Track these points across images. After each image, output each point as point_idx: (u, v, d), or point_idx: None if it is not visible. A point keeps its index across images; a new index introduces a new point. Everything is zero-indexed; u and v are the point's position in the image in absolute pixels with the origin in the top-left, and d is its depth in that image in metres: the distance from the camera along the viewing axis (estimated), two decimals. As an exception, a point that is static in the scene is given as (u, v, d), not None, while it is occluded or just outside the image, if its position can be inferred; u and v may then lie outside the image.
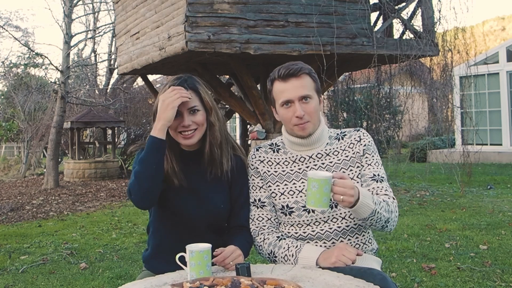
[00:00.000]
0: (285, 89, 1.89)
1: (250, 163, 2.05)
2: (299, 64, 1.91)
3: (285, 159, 1.99)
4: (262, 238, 1.96)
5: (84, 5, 17.73)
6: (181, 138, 1.92)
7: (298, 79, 1.88)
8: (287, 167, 1.98)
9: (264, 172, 2.00)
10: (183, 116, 1.89)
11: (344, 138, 1.99)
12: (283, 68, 1.90)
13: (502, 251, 4.47)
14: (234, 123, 21.81)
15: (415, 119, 11.82)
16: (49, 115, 16.06)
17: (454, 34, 8.19)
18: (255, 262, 2.76)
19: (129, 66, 8.52)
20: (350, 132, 2.01)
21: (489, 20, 47.68)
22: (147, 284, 1.61)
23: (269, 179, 1.99)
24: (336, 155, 1.95)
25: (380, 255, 4.26)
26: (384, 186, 1.91)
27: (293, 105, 1.89)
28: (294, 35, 6.91)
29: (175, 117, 1.84)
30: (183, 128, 1.90)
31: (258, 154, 2.04)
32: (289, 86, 1.88)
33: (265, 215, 1.98)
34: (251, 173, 2.04)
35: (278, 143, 2.05)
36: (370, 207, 1.72)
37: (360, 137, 1.98)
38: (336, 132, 2.03)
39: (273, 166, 2.00)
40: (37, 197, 9.84)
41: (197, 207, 1.93)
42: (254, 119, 7.84)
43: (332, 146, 1.98)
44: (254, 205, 2.01)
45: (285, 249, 1.88)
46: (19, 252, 5.27)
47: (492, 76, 12.84)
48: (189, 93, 1.87)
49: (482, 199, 7.37)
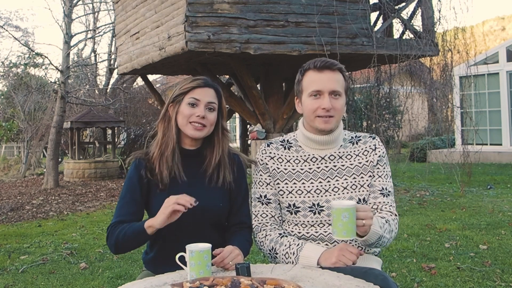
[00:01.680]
0: (318, 79, 1.88)
1: (259, 158, 2.03)
2: (334, 61, 1.91)
3: (296, 157, 1.97)
4: (264, 234, 1.95)
5: (84, 5, 17.74)
6: (190, 129, 1.93)
7: (333, 73, 1.88)
8: (298, 165, 1.96)
9: (273, 169, 1.98)
10: (199, 106, 1.93)
11: (359, 143, 1.98)
12: (319, 60, 1.90)
13: (502, 251, 4.47)
14: (234, 123, 21.80)
15: (415, 119, 11.80)
16: (49, 115, 16.05)
17: (454, 34, 8.19)
18: (255, 262, 2.76)
19: (129, 66, 8.52)
20: (365, 138, 2.00)
21: (489, 20, 47.65)
22: (147, 284, 1.61)
23: (278, 176, 1.97)
24: (349, 159, 1.94)
25: (380, 255, 4.23)
26: (390, 202, 1.92)
27: (322, 96, 1.87)
28: (294, 35, 6.91)
29: (191, 106, 1.92)
30: (196, 119, 1.92)
31: (269, 150, 2.02)
32: (323, 77, 1.87)
33: (269, 212, 1.97)
34: (259, 169, 2.01)
35: (290, 140, 2.02)
36: (378, 233, 1.73)
37: (376, 146, 1.97)
38: (351, 135, 2.01)
39: (283, 163, 1.98)
40: (37, 197, 9.84)
41: (196, 206, 1.93)
42: (254, 119, 7.84)
43: (346, 149, 1.96)
44: (259, 201, 1.99)
45: (286, 246, 1.88)
46: (19, 252, 5.27)
47: (492, 76, 12.84)
48: (192, 200, 1.78)
49: (482, 199, 7.37)
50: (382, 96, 13.13)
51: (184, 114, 1.93)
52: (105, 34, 19.98)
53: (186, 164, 1.96)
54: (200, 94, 1.94)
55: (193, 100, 1.93)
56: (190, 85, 1.95)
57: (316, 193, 1.91)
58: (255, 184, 2.02)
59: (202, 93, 1.95)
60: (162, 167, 1.93)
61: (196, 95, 1.94)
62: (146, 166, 1.96)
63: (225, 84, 9.73)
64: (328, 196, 1.90)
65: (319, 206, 1.89)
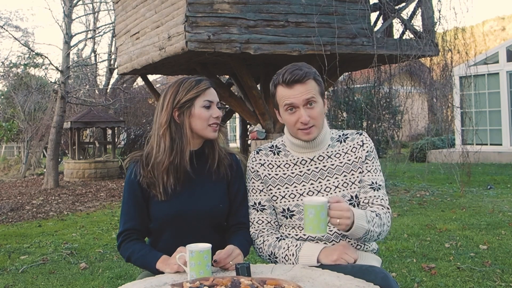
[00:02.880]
0: (290, 94, 1.85)
1: (250, 166, 2.03)
2: (303, 69, 1.86)
3: (286, 161, 1.98)
4: (262, 240, 1.95)
5: (84, 5, 17.77)
6: (210, 131, 1.95)
7: (303, 85, 1.85)
8: (288, 169, 1.96)
9: (264, 175, 1.98)
10: (213, 108, 1.95)
11: (347, 141, 1.98)
12: (288, 72, 1.85)
13: (502, 251, 4.47)
14: (234, 123, 21.81)
15: (415, 119, 11.82)
16: (49, 115, 16.06)
17: (454, 34, 8.19)
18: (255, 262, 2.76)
19: (129, 66, 8.53)
20: (352, 135, 2.00)
21: (489, 20, 47.66)
22: (147, 284, 1.61)
23: (270, 182, 1.97)
24: (338, 158, 1.94)
25: (380, 255, 4.24)
26: (381, 195, 1.92)
27: (298, 110, 1.86)
28: (294, 35, 6.91)
29: (207, 108, 1.93)
30: (214, 120, 1.94)
31: (259, 157, 2.02)
32: (294, 92, 1.85)
33: (265, 218, 1.97)
34: (251, 176, 2.02)
35: (278, 145, 2.03)
36: (364, 228, 1.73)
37: (363, 141, 1.97)
38: (338, 133, 2.01)
39: (274, 168, 1.98)
40: (37, 197, 9.84)
41: (196, 206, 1.94)
42: (254, 119, 7.85)
43: (334, 148, 1.97)
44: (254, 209, 1.99)
45: (285, 249, 1.88)
46: (19, 252, 5.27)
47: (492, 76, 12.84)
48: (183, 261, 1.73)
49: (482, 199, 7.37)
50: (382, 96, 13.14)
51: (203, 117, 1.92)
52: (105, 34, 20.03)
53: (191, 165, 1.96)
54: (211, 95, 1.95)
55: (208, 102, 1.94)
56: (201, 89, 1.94)
57: (309, 195, 1.91)
58: (249, 192, 2.02)
59: (212, 94, 1.96)
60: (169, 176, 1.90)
61: (208, 97, 1.94)
62: (144, 176, 1.93)
63: (225, 84, 9.73)
64: (322, 197, 1.90)
65: None
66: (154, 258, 1.84)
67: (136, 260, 1.91)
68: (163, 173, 1.90)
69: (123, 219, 1.97)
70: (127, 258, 1.94)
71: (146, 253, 1.88)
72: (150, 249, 1.91)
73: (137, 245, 1.93)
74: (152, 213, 1.95)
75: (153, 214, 1.95)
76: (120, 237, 1.96)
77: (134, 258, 1.91)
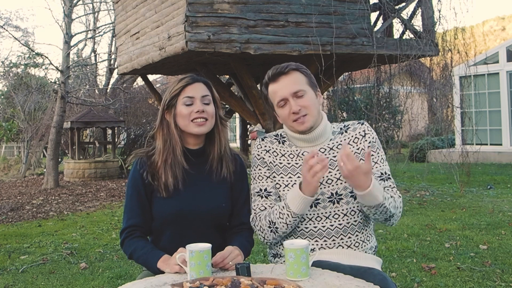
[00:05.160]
0: (278, 89, 1.91)
1: (255, 153, 2.03)
2: (286, 63, 1.94)
3: (290, 151, 1.99)
4: (259, 219, 1.94)
5: (84, 5, 17.74)
6: (193, 126, 1.93)
7: (287, 76, 1.91)
8: (292, 160, 1.97)
9: (270, 162, 1.99)
10: (195, 103, 1.93)
11: (348, 131, 1.99)
12: (272, 70, 1.94)
13: (502, 251, 4.47)
14: (234, 123, 21.80)
15: (415, 119, 11.82)
16: (49, 115, 16.04)
17: (454, 34, 8.19)
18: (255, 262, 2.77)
19: (129, 66, 8.53)
20: (353, 125, 2.00)
21: (489, 20, 47.69)
22: (147, 284, 1.62)
23: (274, 169, 1.98)
24: (340, 149, 1.93)
25: (380, 255, 4.26)
26: (391, 184, 1.95)
27: (288, 102, 1.90)
28: (294, 35, 6.91)
29: (187, 105, 1.92)
30: (196, 115, 1.92)
31: (264, 143, 2.03)
32: (280, 85, 1.91)
33: (268, 204, 1.96)
34: (257, 163, 2.01)
35: (283, 135, 2.04)
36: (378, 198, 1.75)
37: (365, 131, 1.98)
38: (339, 126, 2.02)
39: (278, 157, 1.99)
40: (37, 197, 9.84)
41: (199, 206, 1.94)
42: (254, 119, 7.84)
43: (336, 140, 1.97)
44: (259, 195, 1.98)
45: (277, 210, 1.87)
46: (19, 252, 5.27)
47: (492, 76, 12.84)
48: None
49: (482, 199, 7.37)
50: (382, 96, 13.15)
51: (183, 115, 1.92)
52: (105, 34, 20.03)
53: (192, 164, 1.96)
54: (192, 91, 1.94)
55: (188, 99, 1.93)
56: (179, 86, 1.95)
57: None
58: (254, 179, 2.02)
59: (193, 89, 1.95)
60: (167, 175, 1.92)
61: (188, 93, 1.94)
62: (148, 170, 1.96)
63: (225, 84, 9.73)
64: (323, 189, 1.90)
65: (315, 199, 1.89)
66: (156, 257, 1.84)
67: (138, 257, 1.91)
68: (160, 171, 1.93)
69: (126, 216, 1.97)
70: (130, 255, 1.94)
71: (148, 252, 1.89)
72: (152, 248, 1.91)
73: (140, 242, 1.93)
74: (155, 211, 1.96)
75: (156, 212, 1.96)
76: (123, 234, 1.97)
77: (136, 256, 1.91)
